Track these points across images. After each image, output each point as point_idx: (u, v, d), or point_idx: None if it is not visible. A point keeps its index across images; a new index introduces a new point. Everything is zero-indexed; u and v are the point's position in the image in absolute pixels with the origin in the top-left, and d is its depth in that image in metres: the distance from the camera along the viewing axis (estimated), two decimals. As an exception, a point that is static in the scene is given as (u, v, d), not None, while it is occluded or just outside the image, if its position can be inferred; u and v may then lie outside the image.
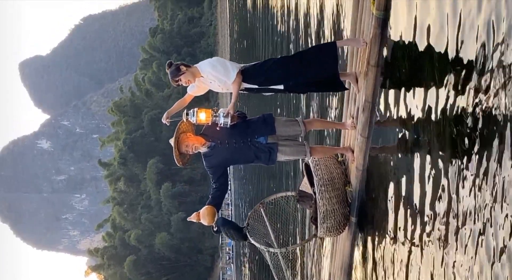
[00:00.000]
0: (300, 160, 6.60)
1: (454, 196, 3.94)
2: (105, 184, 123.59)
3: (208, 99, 77.51)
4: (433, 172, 4.35)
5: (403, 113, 5.04)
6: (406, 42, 4.88)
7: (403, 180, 5.13)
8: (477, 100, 3.58)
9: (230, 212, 60.84)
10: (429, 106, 4.39)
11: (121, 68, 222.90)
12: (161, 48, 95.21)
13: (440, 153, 4.21)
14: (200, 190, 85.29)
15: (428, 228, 4.48)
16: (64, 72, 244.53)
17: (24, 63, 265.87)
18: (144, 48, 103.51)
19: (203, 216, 5.89)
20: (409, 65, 4.95)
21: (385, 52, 5.27)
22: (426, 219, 4.51)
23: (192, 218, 5.97)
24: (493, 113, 3.36)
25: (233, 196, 61.43)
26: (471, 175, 3.66)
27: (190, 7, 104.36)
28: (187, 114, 5.81)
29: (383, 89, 5.55)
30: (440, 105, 4.15)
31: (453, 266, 3.97)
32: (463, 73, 3.77)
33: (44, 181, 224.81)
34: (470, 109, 3.67)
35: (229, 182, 6.18)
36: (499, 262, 3.30)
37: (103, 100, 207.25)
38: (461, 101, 3.80)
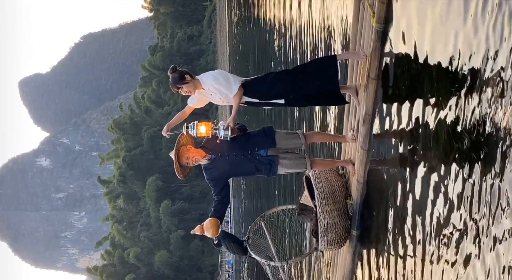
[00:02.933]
0: (302, 172, 6.58)
1: (455, 209, 3.92)
2: (104, 201, 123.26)
3: (207, 117, 77.63)
4: (434, 184, 4.34)
5: (403, 126, 5.04)
6: (406, 55, 4.88)
7: (404, 192, 5.11)
8: (477, 114, 3.58)
9: (230, 230, 60.62)
10: (429, 119, 4.39)
11: (121, 86, 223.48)
12: (160, 66, 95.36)
13: (441, 166, 4.20)
14: (200, 207, 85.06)
15: (429, 241, 4.46)
16: (64, 90, 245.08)
17: (24, 81, 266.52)
18: (143, 66, 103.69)
19: (207, 228, 5.86)
20: (409, 78, 4.95)
21: (385, 65, 5.28)
22: (428, 231, 4.49)
23: (196, 230, 5.94)
24: (494, 126, 3.36)
25: (232, 213, 61.25)
26: (472, 187, 3.65)
27: (189, 25, 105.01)
28: (187, 127, 5.81)
29: (384, 102, 5.55)
30: (441, 119, 4.15)
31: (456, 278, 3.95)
32: (463, 86, 3.77)
33: (43, 198, 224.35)
34: (470, 123, 3.67)
35: (230, 196, 6.17)
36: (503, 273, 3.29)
37: (102, 117, 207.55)
38: (461, 115, 3.80)
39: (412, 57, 4.72)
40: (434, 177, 4.33)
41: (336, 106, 8.26)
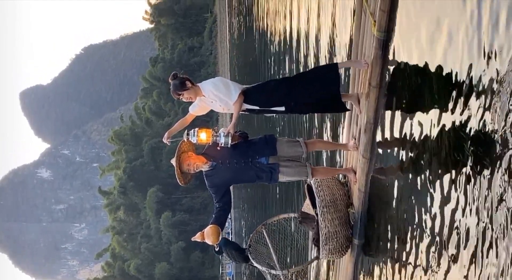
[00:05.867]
0: (303, 181, 6.57)
1: (458, 219, 3.91)
2: (104, 213, 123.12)
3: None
4: (436, 194, 4.32)
5: (405, 135, 5.03)
6: (408, 64, 4.89)
7: (406, 201, 5.10)
8: (480, 122, 3.57)
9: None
10: (431, 127, 4.38)
11: (122, 97, 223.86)
12: (161, 77, 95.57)
13: (443, 175, 4.19)
14: (200, 219, 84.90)
15: (431, 251, 4.44)
16: (65, 101, 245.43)
17: (25, 92, 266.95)
18: (144, 77, 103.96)
19: (208, 235, 5.84)
20: (410, 86, 4.96)
21: (386, 74, 5.29)
22: (430, 241, 4.48)
23: (197, 237, 5.92)
24: (497, 135, 3.36)
25: (233, 224, 61.14)
26: (475, 197, 3.64)
27: (190, 36, 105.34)
28: (187, 134, 5.81)
29: (385, 110, 5.55)
30: (443, 127, 4.14)
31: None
32: (464, 96, 3.77)
33: (44, 210, 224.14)
34: (473, 132, 3.67)
35: (231, 203, 6.15)
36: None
37: (103, 129, 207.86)
38: (464, 124, 3.79)
39: (413, 66, 4.73)
40: (436, 186, 4.32)
41: (338, 114, 8.27)
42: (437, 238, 4.30)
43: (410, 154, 4.97)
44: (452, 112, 3.96)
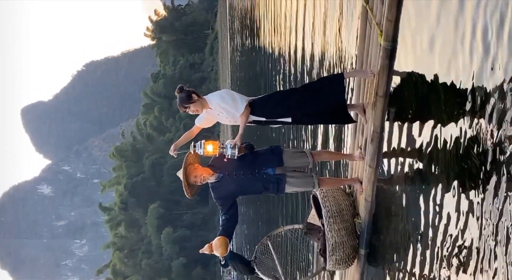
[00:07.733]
0: (308, 191, 6.57)
1: (464, 229, 3.90)
2: (105, 229, 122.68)
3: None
4: (443, 203, 4.32)
5: (411, 145, 5.04)
6: (415, 73, 4.91)
7: (413, 211, 5.09)
8: (486, 133, 3.58)
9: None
10: (437, 138, 4.39)
11: (123, 113, 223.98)
12: (162, 93, 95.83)
13: (450, 185, 4.19)
14: (201, 235, 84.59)
15: (438, 260, 4.43)
16: (66, 117, 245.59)
17: (26, 109, 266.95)
18: (146, 93, 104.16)
19: (216, 247, 5.83)
20: (417, 96, 4.96)
21: (393, 83, 5.29)
22: (436, 250, 4.47)
23: (205, 249, 5.91)
24: (503, 146, 3.36)
25: (235, 240, 60.91)
26: (482, 208, 3.63)
27: (191, 53, 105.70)
28: (194, 146, 5.82)
29: (392, 120, 5.56)
30: (449, 137, 4.15)
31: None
32: (472, 105, 3.77)
33: (44, 226, 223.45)
34: (479, 142, 3.67)
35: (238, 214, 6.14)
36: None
37: (104, 145, 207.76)
38: (470, 134, 3.80)
39: (421, 75, 4.75)
40: (443, 196, 4.32)
41: (344, 125, 8.25)
42: (444, 249, 4.29)
43: (416, 164, 4.97)
44: (459, 122, 3.96)
